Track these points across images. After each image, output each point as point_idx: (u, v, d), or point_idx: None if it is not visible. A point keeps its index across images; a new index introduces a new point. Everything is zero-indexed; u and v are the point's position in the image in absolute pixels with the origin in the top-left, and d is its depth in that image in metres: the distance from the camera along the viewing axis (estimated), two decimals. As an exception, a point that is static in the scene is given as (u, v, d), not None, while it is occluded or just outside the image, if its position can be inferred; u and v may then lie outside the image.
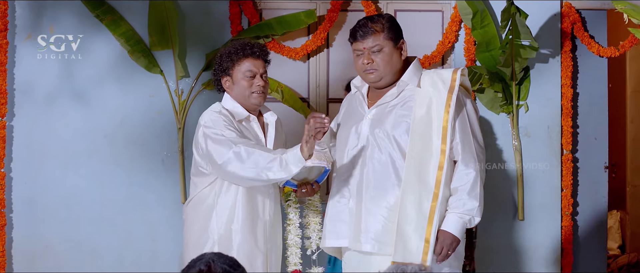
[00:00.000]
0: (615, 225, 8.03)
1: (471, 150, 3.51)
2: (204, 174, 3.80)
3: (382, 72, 3.57)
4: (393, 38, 3.56)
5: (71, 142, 5.96)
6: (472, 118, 3.58)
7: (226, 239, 3.73)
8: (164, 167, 6.01)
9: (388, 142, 3.53)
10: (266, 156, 3.51)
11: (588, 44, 6.07)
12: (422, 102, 3.50)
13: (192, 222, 3.85)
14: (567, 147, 6.08)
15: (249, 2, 5.98)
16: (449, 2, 6.11)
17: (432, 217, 3.44)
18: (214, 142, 3.65)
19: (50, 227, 5.96)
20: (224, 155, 3.59)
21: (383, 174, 3.53)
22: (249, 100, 3.83)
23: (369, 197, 3.55)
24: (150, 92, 6.01)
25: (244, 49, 3.83)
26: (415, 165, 3.47)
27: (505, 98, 5.99)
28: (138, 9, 5.94)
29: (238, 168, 3.56)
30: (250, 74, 3.81)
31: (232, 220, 3.74)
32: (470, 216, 3.48)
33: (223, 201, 3.76)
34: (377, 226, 3.51)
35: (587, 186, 6.23)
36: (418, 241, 3.41)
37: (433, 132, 3.47)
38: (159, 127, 6.00)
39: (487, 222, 6.03)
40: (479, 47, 5.94)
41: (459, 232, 3.48)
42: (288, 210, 3.98)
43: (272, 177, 3.50)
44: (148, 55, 5.91)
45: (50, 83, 5.97)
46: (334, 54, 6.16)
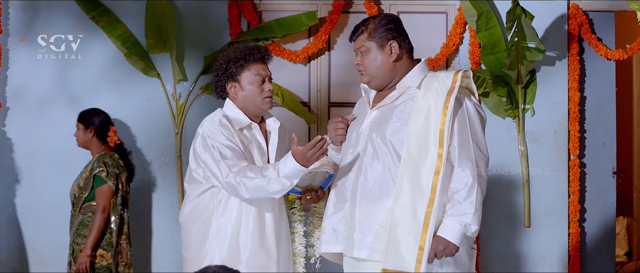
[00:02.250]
0: (622, 232, 7.97)
1: (469, 155, 3.41)
2: (199, 182, 3.71)
3: (369, 74, 3.56)
4: (378, 39, 3.53)
5: (65, 147, 5.91)
6: (473, 121, 3.49)
7: (233, 252, 3.66)
8: (161, 173, 5.99)
9: (385, 148, 3.47)
10: (262, 179, 3.50)
11: (596, 46, 6.03)
12: (420, 105, 3.44)
13: (192, 234, 3.75)
14: (575, 152, 6.04)
15: (248, 3, 5.95)
16: (453, 4, 6.06)
17: (427, 223, 3.35)
18: (214, 160, 3.60)
19: (45, 234, 5.94)
20: (223, 178, 3.56)
21: (378, 181, 3.47)
22: (260, 106, 3.75)
23: (363, 202, 3.49)
24: (147, 96, 5.99)
25: (253, 53, 3.76)
26: (411, 170, 3.40)
27: (510, 102, 5.96)
28: (135, 10, 5.92)
29: (237, 193, 3.58)
30: (260, 79, 3.73)
31: (238, 232, 3.66)
32: (466, 223, 3.37)
33: (226, 211, 3.68)
34: (370, 232, 3.46)
35: (594, 192, 6.19)
36: (411, 248, 3.34)
37: (430, 136, 3.40)
38: (156, 132, 5.97)
39: (493, 229, 6.01)
40: (484, 50, 5.90)
41: (456, 238, 3.38)
42: (293, 218, 3.92)
43: (275, 194, 3.53)
44: (145, 58, 5.89)
45: (45, 87, 5.95)
46: (335, 56, 6.12)
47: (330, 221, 3.60)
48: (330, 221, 3.60)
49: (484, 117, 3.53)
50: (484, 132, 3.53)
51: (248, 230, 3.66)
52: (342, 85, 6.04)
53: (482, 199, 3.41)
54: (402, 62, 3.56)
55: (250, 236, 3.66)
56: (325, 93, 6.09)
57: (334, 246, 3.60)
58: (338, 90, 6.08)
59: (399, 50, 3.54)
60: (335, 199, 3.61)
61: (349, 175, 3.56)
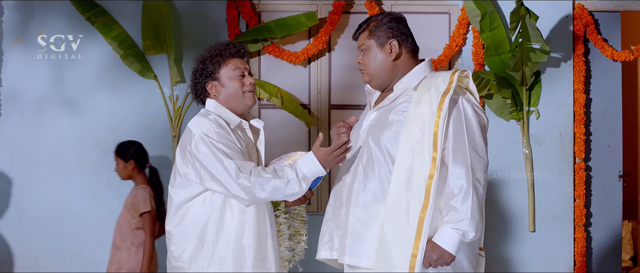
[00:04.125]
0: (627, 236, 7.97)
1: (464, 158, 3.32)
2: (188, 186, 3.59)
3: (369, 73, 3.52)
4: (378, 37, 3.49)
5: (61, 151, 5.92)
6: (470, 123, 3.39)
7: (238, 257, 3.57)
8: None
9: (380, 154, 3.42)
10: (280, 180, 3.44)
11: (601, 47, 6.01)
12: (415, 106, 3.38)
13: (183, 243, 3.61)
14: (580, 155, 6.02)
15: (247, 3, 5.93)
16: (456, 4, 6.04)
17: (421, 228, 3.27)
18: (219, 160, 3.48)
19: (40, 239, 5.92)
20: (234, 179, 3.44)
21: (372, 188, 3.41)
22: (243, 102, 3.65)
23: (356, 209, 3.43)
24: (143, 98, 5.96)
25: (228, 48, 3.68)
26: (404, 174, 3.33)
27: (514, 104, 5.94)
28: (131, 11, 5.90)
29: (252, 194, 3.46)
30: (239, 73, 3.65)
31: (242, 235, 3.57)
32: (463, 230, 3.27)
33: (225, 218, 3.57)
34: (362, 239, 3.40)
35: (601, 196, 6.17)
36: (404, 255, 3.27)
37: (425, 139, 3.32)
38: (152, 135, 5.94)
39: (497, 234, 5.98)
40: (487, 51, 5.87)
41: (452, 246, 3.29)
42: (278, 221, 3.84)
43: (291, 196, 3.47)
44: (141, 60, 5.87)
45: (39, 89, 5.93)
46: (336, 58, 6.08)
47: (328, 226, 3.56)
48: (328, 226, 3.56)
49: (484, 118, 3.44)
50: (484, 134, 3.43)
51: (251, 235, 3.58)
52: (342, 87, 5.99)
53: (479, 204, 3.31)
54: (402, 61, 3.50)
55: (254, 241, 3.59)
56: (326, 95, 6.05)
57: (330, 252, 3.55)
58: (339, 92, 6.04)
59: (399, 49, 3.48)
60: (334, 203, 3.56)
61: (346, 179, 3.52)
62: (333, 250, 3.52)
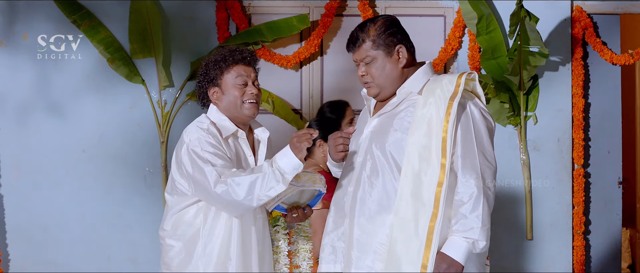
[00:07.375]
0: (625, 244, 7.99)
1: (473, 164, 3.26)
2: (183, 194, 3.55)
3: (379, 85, 3.41)
4: (384, 46, 3.37)
5: (46, 158, 5.89)
6: (479, 128, 3.33)
7: (222, 267, 3.51)
8: (146, 184, 5.94)
9: (384, 161, 3.33)
10: (255, 175, 3.33)
11: (600, 50, 6.00)
12: (421, 112, 3.31)
13: (174, 251, 3.57)
14: (579, 161, 6.01)
15: (237, 6, 5.92)
16: (452, 6, 6.02)
17: (430, 239, 3.19)
18: (201, 169, 3.42)
19: (25, 249, 5.89)
20: (213, 186, 3.37)
21: (377, 196, 3.34)
22: (241, 112, 3.58)
23: (361, 219, 3.36)
24: (131, 104, 5.93)
25: (233, 54, 3.61)
26: (412, 182, 3.25)
27: (512, 109, 5.91)
28: (118, 13, 5.87)
29: (230, 197, 3.37)
30: (241, 81, 3.57)
31: (229, 245, 3.51)
32: (473, 239, 3.21)
33: (214, 229, 3.51)
34: (369, 250, 3.33)
35: (600, 203, 6.16)
36: (413, 266, 3.20)
37: (432, 145, 3.25)
38: (140, 141, 5.92)
39: (494, 242, 5.90)
40: (484, 55, 5.87)
41: (461, 256, 3.22)
42: (276, 237, 3.78)
43: (272, 190, 3.33)
44: (129, 64, 5.84)
45: (24, 93, 5.89)
46: (328, 62, 6.07)
47: (330, 238, 3.47)
48: (330, 238, 3.47)
49: (491, 122, 3.39)
50: (491, 139, 3.39)
51: (236, 250, 3.51)
52: (335, 92, 5.95)
53: (489, 212, 3.26)
54: (409, 66, 3.41)
55: (236, 257, 3.51)
56: (318, 100, 6.02)
57: (333, 265, 3.46)
58: (331, 97, 5.92)
59: (407, 55, 3.39)
60: (335, 214, 3.47)
61: (348, 189, 3.42)
62: (336, 264, 3.44)
